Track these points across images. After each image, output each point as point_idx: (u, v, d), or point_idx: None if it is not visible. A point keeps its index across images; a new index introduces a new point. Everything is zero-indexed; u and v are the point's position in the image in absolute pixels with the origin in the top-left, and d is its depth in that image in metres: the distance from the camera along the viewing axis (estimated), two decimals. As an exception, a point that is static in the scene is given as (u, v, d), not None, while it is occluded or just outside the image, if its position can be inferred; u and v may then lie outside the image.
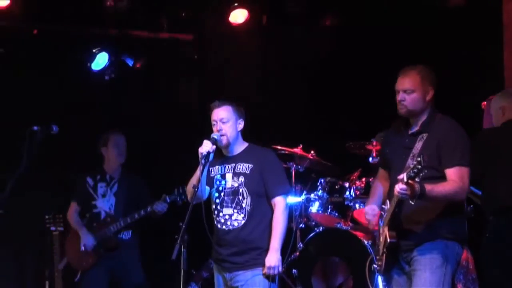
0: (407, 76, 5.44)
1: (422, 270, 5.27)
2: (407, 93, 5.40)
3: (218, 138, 5.86)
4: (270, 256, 5.79)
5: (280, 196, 5.89)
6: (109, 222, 7.62)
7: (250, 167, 5.91)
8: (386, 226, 5.37)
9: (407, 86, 5.41)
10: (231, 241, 5.88)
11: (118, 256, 7.67)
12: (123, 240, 7.70)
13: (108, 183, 7.79)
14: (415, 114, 5.44)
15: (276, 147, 7.86)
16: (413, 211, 5.26)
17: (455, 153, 5.26)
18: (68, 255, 7.73)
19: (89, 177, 7.80)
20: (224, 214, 5.91)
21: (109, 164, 7.84)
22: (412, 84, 5.41)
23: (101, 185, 7.76)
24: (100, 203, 7.73)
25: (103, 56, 8.87)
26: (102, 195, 7.75)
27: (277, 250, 5.80)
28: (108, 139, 7.81)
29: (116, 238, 7.63)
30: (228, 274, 5.93)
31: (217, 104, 5.97)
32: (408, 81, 5.42)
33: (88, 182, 7.78)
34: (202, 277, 8.20)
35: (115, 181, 7.81)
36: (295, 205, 8.13)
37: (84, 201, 7.70)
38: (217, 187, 5.97)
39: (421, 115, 5.45)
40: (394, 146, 5.58)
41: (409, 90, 5.40)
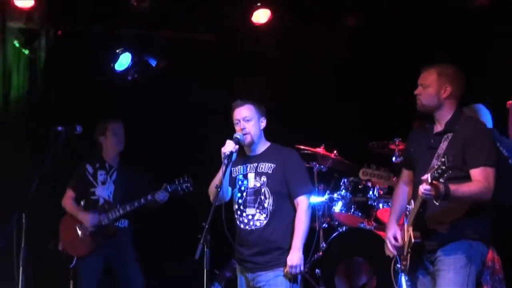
0: (426, 71, 5.48)
1: (446, 271, 5.25)
2: (423, 87, 5.44)
3: (241, 138, 5.88)
4: (292, 255, 5.80)
5: (303, 196, 5.90)
6: (107, 209, 7.63)
7: (272, 166, 5.92)
8: (411, 226, 5.36)
9: (423, 81, 5.46)
10: (253, 241, 5.90)
11: (114, 244, 7.68)
12: (120, 228, 7.72)
13: (108, 171, 7.81)
14: (429, 110, 5.44)
15: (298, 147, 7.87)
16: (438, 211, 5.23)
17: (481, 153, 5.24)
18: (64, 241, 7.69)
19: (88, 164, 7.81)
20: (247, 214, 5.93)
21: (107, 153, 7.85)
22: (428, 79, 5.44)
23: (101, 172, 7.77)
24: (100, 190, 7.75)
25: (126, 57, 8.91)
26: (102, 183, 7.77)
27: (299, 249, 5.81)
28: (106, 128, 7.82)
29: (114, 226, 7.65)
30: (250, 274, 5.95)
31: (239, 103, 6.00)
32: (425, 76, 5.47)
33: (87, 169, 7.79)
34: (225, 277, 8.19)
35: (114, 169, 7.83)
36: (318, 205, 8.13)
37: (83, 188, 7.70)
38: (239, 187, 5.99)
39: (445, 114, 5.42)
40: (419, 146, 5.56)
41: (425, 84, 5.44)
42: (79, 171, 7.80)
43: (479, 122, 5.44)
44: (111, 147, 7.82)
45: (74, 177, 7.82)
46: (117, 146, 7.83)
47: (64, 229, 7.72)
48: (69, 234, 7.65)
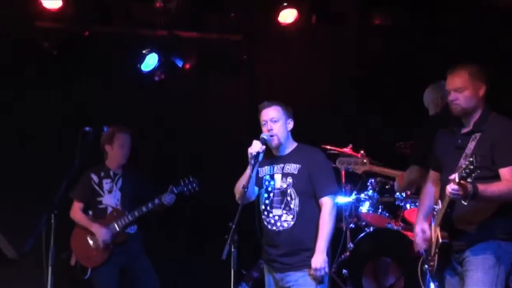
0: (456, 74, 5.43)
1: (474, 271, 5.25)
2: (459, 91, 5.38)
3: (268, 138, 5.88)
4: (316, 257, 5.79)
5: (328, 196, 5.89)
6: (116, 217, 7.58)
7: (298, 167, 5.92)
8: (438, 227, 5.35)
9: (457, 85, 5.39)
10: (281, 242, 5.90)
11: (126, 251, 7.63)
12: (130, 234, 7.67)
13: (113, 179, 7.73)
14: (469, 112, 5.41)
15: (325, 147, 7.86)
16: (466, 211, 5.23)
17: (510, 152, 5.22)
18: (76, 253, 7.62)
19: (93, 173, 7.71)
20: (273, 215, 5.93)
21: (112, 161, 7.74)
22: (462, 82, 5.39)
23: (106, 181, 7.69)
24: (106, 199, 7.68)
25: (152, 57, 8.91)
26: (108, 191, 7.70)
27: (323, 251, 5.79)
28: (113, 137, 7.66)
29: (124, 232, 7.61)
30: (278, 275, 5.95)
31: (266, 105, 6.00)
32: (458, 80, 5.41)
33: (92, 178, 7.70)
34: (253, 277, 8.19)
35: (119, 176, 7.74)
36: (345, 205, 8.14)
37: (89, 198, 7.64)
38: (266, 188, 6.00)
39: (474, 114, 5.41)
40: (446, 147, 5.55)
41: (461, 88, 5.38)
42: (84, 181, 7.69)
43: (507, 121, 5.39)
44: (115, 158, 7.71)
45: (79, 187, 7.70)
46: (121, 160, 7.70)
47: (75, 241, 7.66)
48: (81, 246, 7.61)
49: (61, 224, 6.64)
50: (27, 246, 7.21)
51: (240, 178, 5.92)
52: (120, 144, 7.62)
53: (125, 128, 7.70)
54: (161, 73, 8.98)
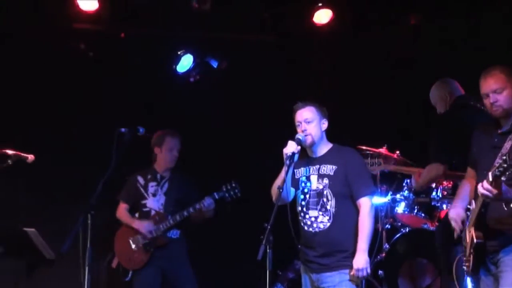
0: (491, 77, 5.41)
1: (508, 272, 5.23)
2: (497, 92, 5.37)
3: (302, 139, 5.92)
4: (358, 258, 5.80)
5: (366, 197, 5.91)
6: (158, 220, 7.64)
7: (334, 168, 5.94)
8: (472, 227, 5.34)
9: (495, 86, 5.38)
10: (318, 243, 5.94)
11: (168, 255, 7.69)
12: (172, 239, 7.72)
13: (159, 182, 7.81)
14: (508, 114, 5.39)
15: (361, 147, 7.87)
16: (500, 211, 5.22)
17: None
18: (118, 254, 7.74)
19: (140, 176, 7.83)
20: (310, 216, 5.96)
21: (160, 164, 7.84)
22: (500, 83, 5.38)
23: (152, 184, 7.78)
24: (150, 202, 7.76)
25: (188, 58, 8.98)
26: (153, 194, 7.78)
27: (365, 251, 5.81)
28: (163, 141, 7.80)
29: (165, 236, 7.65)
30: (315, 275, 5.98)
31: (300, 105, 6.04)
32: (494, 82, 5.39)
33: (139, 181, 7.81)
34: (288, 278, 8.21)
35: (166, 180, 7.82)
36: (381, 206, 8.14)
37: (134, 200, 7.73)
38: (302, 189, 6.03)
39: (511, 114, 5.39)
40: (482, 146, 5.54)
41: (499, 89, 5.37)
42: (131, 183, 7.83)
43: None
44: (163, 162, 7.80)
45: (125, 189, 7.85)
46: (169, 163, 7.79)
47: (118, 243, 7.77)
48: (123, 248, 7.70)
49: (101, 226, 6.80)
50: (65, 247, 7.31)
51: (275, 179, 5.97)
52: (169, 148, 7.73)
53: (175, 132, 7.81)
54: (196, 74, 9.06)
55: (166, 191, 7.80)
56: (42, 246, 6.60)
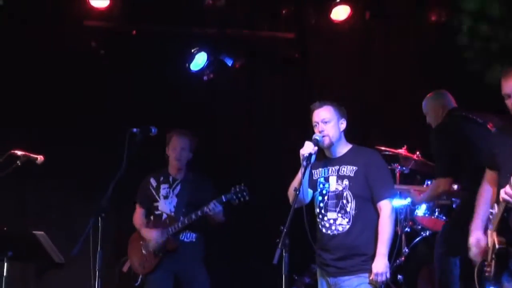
0: (510, 78, 5.34)
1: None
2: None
3: (320, 139, 5.87)
4: (378, 262, 5.77)
5: (386, 200, 5.87)
6: (168, 224, 7.54)
7: (354, 169, 5.89)
8: (495, 232, 5.28)
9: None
10: (336, 246, 5.90)
11: (181, 259, 7.58)
12: (185, 242, 7.60)
13: (171, 185, 7.71)
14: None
15: (380, 148, 7.85)
16: (525, 217, 5.16)
17: None
18: (131, 259, 7.69)
19: (152, 178, 7.75)
20: (328, 219, 5.93)
21: (171, 166, 7.73)
22: None
23: (164, 186, 7.69)
24: (162, 205, 7.67)
25: (202, 56, 8.98)
26: (164, 197, 7.68)
27: (385, 255, 5.78)
28: (170, 141, 7.69)
29: (175, 240, 7.53)
30: (332, 279, 5.95)
31: (317, 105, 6.00)
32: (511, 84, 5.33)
33: (151, 183, 7.73)
34: (304, 283, 8.21)
35: (178, 182, 7.71)
36: (400, 209, 8.12)
37: (148, 203, 7.66)
38: (321, 191, 5.99)
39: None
40: (504, 147, 5.45)
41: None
42: (144, 185, 7.77)
43: None
44: (171, 161, 7.70)
45: (139, 191, 7.79)
46: (174, 163, 7.67)
47: (131, 247, 7.73)
48: (135, 252, 7.66)
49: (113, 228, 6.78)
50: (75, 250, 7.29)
51: (293, 180, 5.93)
52: (173, 147, 7.62)
53: (182, 132, 7.69)
54: (210, 73, 9.05)
55: (178, 193, 7.71)
56: (52, 250, 6.58)
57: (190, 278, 7.65)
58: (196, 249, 7.72)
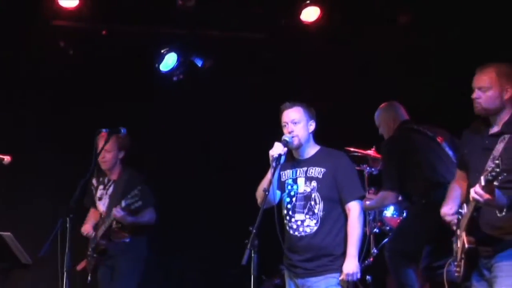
0: (483, 73, 5.40)
1: (503, 277, 5.19)
2: (482, 90, 5.36)
3: (289, 140, 5.88)
4: (348, 263, 5.80)
5: (355, 201, 5.90)
6: (100, 225, 7.45)
7: (322, 171, 5.92)
8: (464, 231, 5.32)
9: (482, 84, 5.37)
10: (303, 248, 5.92)
11: (110, 260, 7.43)
12: (116, 244, 7.41)
13: (105, 186, 7.62)
14: (490, 113, 5.39)
15: (349, 149, 7.92)
16: (493, 216, 5.15)
17: None
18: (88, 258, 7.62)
19: (94, 179, 7.64)
20: (296, 220, 5.94)
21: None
22: (488, 81, 5.36)
23: (100, 188, 7.61)
24: (99, 205, 7.59)
25: (172, 57, 8.98)
26: (99, 198, 7.60)
27: (355, 256, 5.82)
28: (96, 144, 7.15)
29: (101, 242, 7.37)
30: (300, 280, 5.96)
31: (288, 105, 6.01)
32: (483, 79, 5.38)
33: (93, 183, 7.65)
34: (273, 284, 8.26)
35: (112, 182, 7.57)
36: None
37: (91, 204, 7.58)
38: (289, 192, 6.00)
39: (502, 115, 5.36)
40: (473, 147, 5.50)
41: (485, 87, 5.35)
42: (88, 187, 7.61)
43: None
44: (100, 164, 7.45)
45: (87, 193, 7.61)
46: (102, 164, 7.45)
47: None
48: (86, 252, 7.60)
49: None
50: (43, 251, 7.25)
51: (261, 181, 5.93)
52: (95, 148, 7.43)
53: (103, 134, 7.06)
54: (180, 73, 9.05)
55: (110, 194, 7.57)
56: (18, 251, 6.50)
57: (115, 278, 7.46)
58: (129, 250, 7.48)
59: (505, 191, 4.99)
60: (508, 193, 5.01)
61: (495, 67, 5.40)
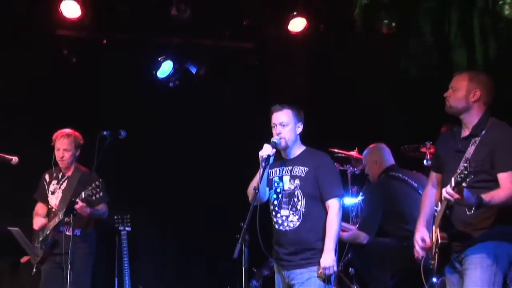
0: (458, 75, 5.52)
1: (473, 269, 5.25)
2: (453, 89, 5.46)
3: (278, 142, 5.92)
4: (325, 256, 5.83)
5: (334, 199, 5.93)
6: (52, 218, 7.35)
7: (305, 170, 5.97)
8: (438, 228, 5.38)
9: (454, 84, 5.48)
10: (287, 242, 5.97)
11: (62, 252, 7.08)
12: (67, 236, 7.05)
13: (59, 181, 7.56)
14: (457, 111, 5.46)
15: (333, 150, 7.93)
16: (464, 213, 5.24)
17: (509, 157, 5.22)
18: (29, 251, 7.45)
19: (47, 174, 7.62)
20: (281, 215, 5.99)
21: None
22: (458, 82, 5.46)
23: (53, 182, 7.54)
24: (51, 199, 7.51)
25: (168, 64, 8.98)
26: (52, 192, 7.54)
27: (331, 250, 5.83)
28: (54, 143, 7.50)
29: (56, 233, 7.17)
30: (286, 272, 6.01)
31: (277, 108, 6.04)
32: (456, 80, 5.49)
33: (45, 179, 7.61)
34: (263, 275, 8.23)
35: (65, 178, 7.53)
36: (352, 206, 8.18)
37: (43, 198, 7.50)
38: (275, 189, 6.04)
39: (472, 118, 5.43)
40: (447, 150, 5.56)
41: (455, 87, 5.45)
42: (40, 181, 7.63)
43: (506, 126, 5.39)
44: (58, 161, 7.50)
45: (38, 187, 7.63)
46: (60, 162, 7.48)
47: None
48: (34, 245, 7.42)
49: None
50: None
51: (252, 180, 5.98)
52: (56, 149, 7.43)
53: (62, 134, 7.46)
54: (176, 80, 9.05)
55: (64, 189, 7.51)
56: (26, 245, 6.55)
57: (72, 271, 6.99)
58: (80, 243, 7.34)
59: (475, 190, 5.04)
60: (477, 192, 5.05)
61: (469, 73, 5.51)
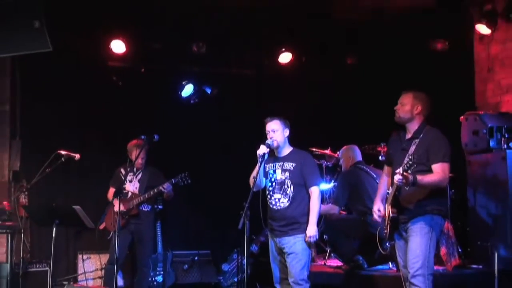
0: (405, 93, 5.53)
1: (414, 236, 5.31)
2: (401, 104, 5.49)
3: (271, 143, 5.95)
4: (310, 228, 5.85)
5: (315, 186, 5.96)
6: (133, 197, 7.58)
7: (293, 165, 5.99)
8: (389, 205, 5.41)
9: (402, 100, 5.51)
10: (279, 217, 5.98)
11: (137, 222, 7.60)
12: (143, 211, 7.64)
13: (135, 173, 7.73)
14: (404, 121, 5.47)
15: (312, 149, 7.94)
16: (408, 194, 5.30)
17: (439, 153, 5.27)
18: (106, 221, 7.65)
19: (122, 168, 7.74)
20: (275, 198, 6.00)
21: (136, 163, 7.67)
22: (405, 99, 5.49)
23: (130, 174, 7.69)
24: (128, 186, 7.68)
25: (189, 86, 8.91)
26: (129, 181, 7.69)
27: (315, 224, 5.87)
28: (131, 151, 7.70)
29: (136, 208, 7.57)
30: (277, 239, 6.03)
31: (269, 119, 6.08)
32: (404, 97, 5.51)
33: (121, 172, 7.73)
34: (260, 241, 8.18)
35: (140, 171, 7.73)
36: (326, 190, 8.17)
37: (119, 185, 7.49)
38: (270, 178, 6.06)
39: (413, 125, 5.45)
40: (395, 149, 5.60)
41: (403, 103, 5.48)
42: (116, 173, 7.79)
43: (437, 131, 5.43)
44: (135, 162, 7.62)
45: (113, 177, 7.79)
46: (136, 163, 7.63)
47: (107, 213, 7.68)
48: (109, 216, 7.62)
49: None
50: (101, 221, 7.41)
51: (252, 172, 5.97)
52: (135, 155, 7.55)
53: (136, 145, 7.61)
54: (196, 98, 9.00)
55: (139, 179, 7.73)
56: (85, 219, 6.58)
57: (141, 238, 7.65)
58: (150, 216, 7.74)
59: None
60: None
61: (414, 92, 5.53)
